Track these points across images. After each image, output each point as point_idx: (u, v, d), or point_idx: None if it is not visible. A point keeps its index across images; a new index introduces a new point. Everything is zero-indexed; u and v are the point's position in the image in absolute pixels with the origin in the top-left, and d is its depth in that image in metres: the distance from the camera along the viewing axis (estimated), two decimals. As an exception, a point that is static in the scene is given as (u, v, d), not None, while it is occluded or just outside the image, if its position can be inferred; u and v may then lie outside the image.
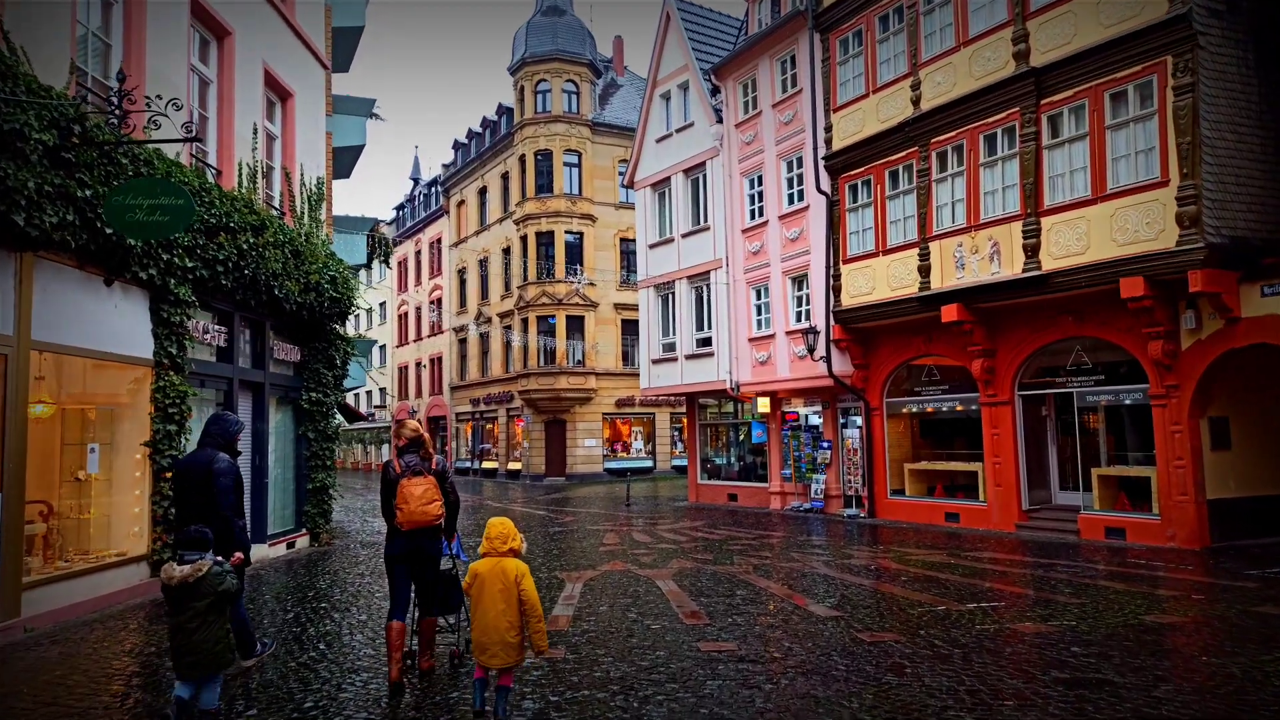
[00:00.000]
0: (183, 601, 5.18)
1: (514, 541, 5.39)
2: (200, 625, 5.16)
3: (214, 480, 6.43)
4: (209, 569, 5.23)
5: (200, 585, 5.18)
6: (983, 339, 15.94)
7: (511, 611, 5.22)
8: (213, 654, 5.23)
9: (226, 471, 6.57)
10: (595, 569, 12.07)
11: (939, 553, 13.18)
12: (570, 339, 37.21)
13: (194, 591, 5.17)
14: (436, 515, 6.28)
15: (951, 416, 17.89)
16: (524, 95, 38.56)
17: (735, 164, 21.82)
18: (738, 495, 22.90)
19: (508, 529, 5.41)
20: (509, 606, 5.22)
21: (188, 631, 5.14)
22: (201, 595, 5.18)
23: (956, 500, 17.19)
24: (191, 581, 5.15)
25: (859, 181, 18.13)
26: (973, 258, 15.47)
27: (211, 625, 5.22)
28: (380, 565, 12.82)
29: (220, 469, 6.50)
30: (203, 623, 5.17)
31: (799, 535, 16.02)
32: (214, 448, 6.70)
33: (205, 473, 6.47)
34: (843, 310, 18.25)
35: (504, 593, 5.23)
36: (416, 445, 6.45)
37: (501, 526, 5.41)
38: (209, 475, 6.45)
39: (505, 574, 5.27)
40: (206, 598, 5.19)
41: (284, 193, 14.68)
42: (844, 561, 12.38)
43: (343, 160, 22.98)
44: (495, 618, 5.22)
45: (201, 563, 5.23)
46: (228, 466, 6.62)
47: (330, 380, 15.40)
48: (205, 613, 5.19)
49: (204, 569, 5.21)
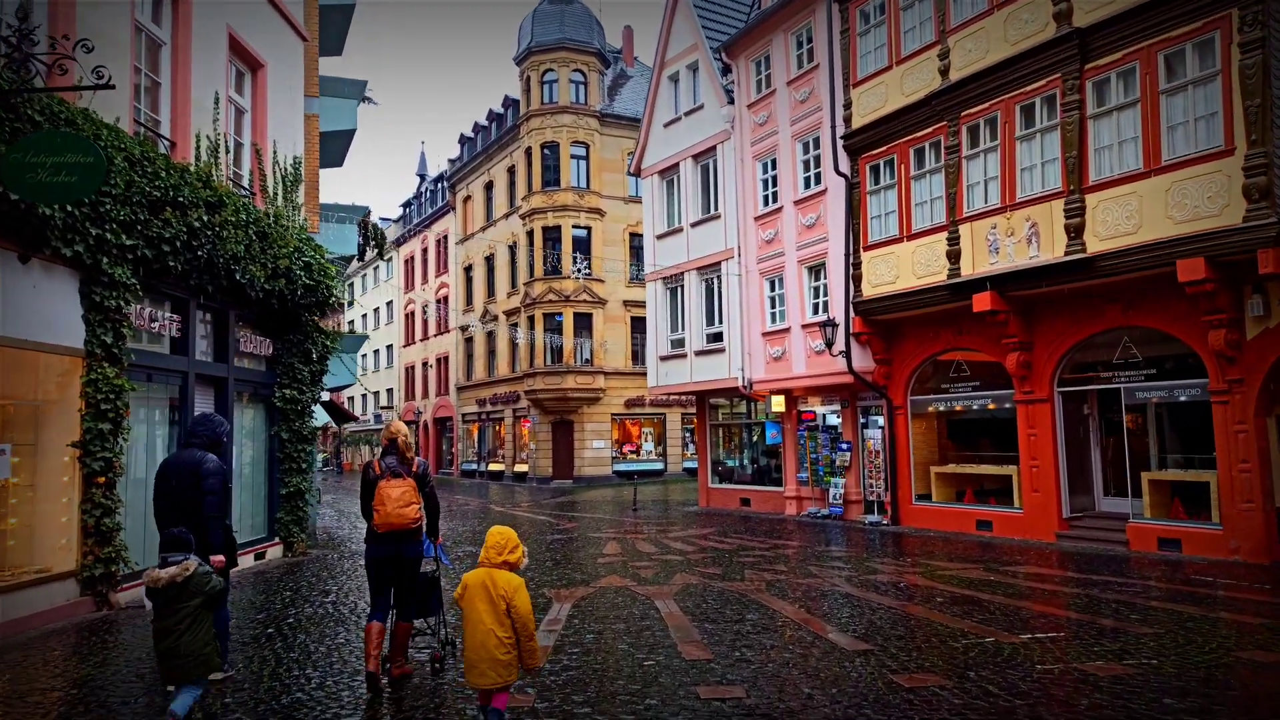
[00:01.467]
0: (171, 604, 5.05)
1: (511, 554, 4.93)
2: (190, 626, 5.06)
3: (201, 481, 6.29)
4: (196, 569, 5.12)
5: (188, 586, 5.07)
6: (1019, 330, 14.54)
7: (502, 627, 4.79)
8: (201, 656, 5.11)
9: (214, 472, 6.40)
10: (590, 585, 10.77)
11: (973, 567, 11.80)
12: (578, 337, 35.94)
13: (183, 592, 5.06)
14: (414, 518, 6.23)
15: (983, 416, 16.48)
16: (530, 86, 37.35)
17: (747, 147, 20.49)
18: (751, 500, 21.55)
19: (507, 539, 4.96)
20: (498, 622, 4.78)
21: (176, 633, 5.02)
22: (190, 596, 5.08)
23: (989, 507, 15.78)
24: (180, 582, 5.03)
25: (881, 161, 16.75)
26: (1008, 241, 14.08)
27: (202, 625, 5.13)
28: (355, 582, 11.58)
29: (208, 469, 6.36)
30: (192, 623, 5.07)
31: (817, 545, 14.67)
32: (200, 448, 6.54)
33: (191, 473, 6.33)
34: (863, 301, 16.88)
35: (491, 607, 4.80)
36: (395, 448, 6.41)
37: (500, 536, 4.98)
38: (196, 476, 6.31)
39: (494, 587, 4.82)
40: (196, 598, 5.10)
41: (254, 171, 13.47)
42: (868, 577, 11.03)
43: (333, 146, 21.82)
44: (484, 634, 4.78)
45: (188, 563, 5.11)
46: (216, 467, 6.45)
47: (306, 376, 14.16)
48: (194, 613, 5.09)
49: (191, 569, 5.10)
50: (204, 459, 6.43)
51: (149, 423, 10.71)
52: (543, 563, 13.00)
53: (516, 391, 38.22)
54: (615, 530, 17.71)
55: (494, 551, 4.91)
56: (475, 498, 29.64)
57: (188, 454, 6.51)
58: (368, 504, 6.30)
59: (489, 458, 42.42)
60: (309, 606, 9.66)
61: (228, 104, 12.61)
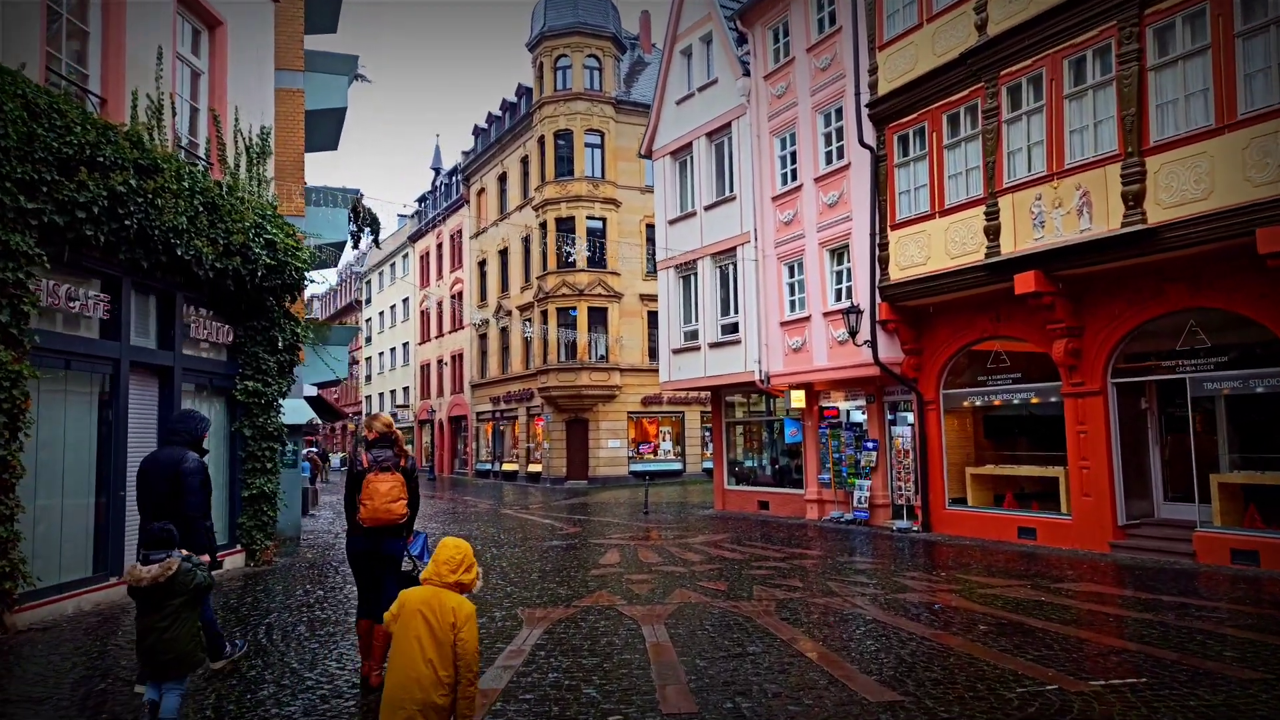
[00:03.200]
0: (155, 601, 4.91)
1: (466, 573, 4.04)
2: (174, 623, 4.92)
3: (183, 480, 6.21)
4: (179, 566, 4.96)
5: (173, 583, 4.92)
6: (1067, 314, 12.92)
7: (444, 665, 3.83)
8: (185, 653, 4.98)
9: (196, 471, 6.34)
10: (572, 604, 9.32)
11: (1019, 583, 10.22)
12: (592, 332, 34.53)
13: (168, 590, 4.90)
14: (400, 515, 6.09)
15: (1025, 411, 14.85)
16: (543, 73, 36.01)
17: (764, 122, 18.96)
18: (769, 503, 20.01)
19: (462, 553, 4.06)
20: (440, 656, 3.83)
21: (159, 630, 4.89)
22: (175, 593, 4.93)
23: (1032, 513, 14.16)
24: (163, 580, 4.88)
25: (910, 131, 15.17)
26: (1055, 212, 12.46)
27: (185, 622, 4.98)
28: (325, 594, 10.22)
29: (190, 468, 6.28)
30: (175, 620, 4.93)
31: (838, 555, 13.13)
32: (181, 445, 6.45)
33: (172, 472, 6.23)
34: (890, 285, 15.30)
35: (432, 635, 3.85)
36: (388, 441, 6.24)
37: (454, 549, 4.05)
38: (177, 474, 6.21)
39: (441, 610, 3.90)
40: (181, 595, 4.96)
41: (211, 139, 12.16)
42: (897, 596, 9.48)
43: (324, 126, 20.55)
44: (419, 669, 3.80)
45: (171, 560, 4.95)
46: (197, 466, 6.39)
47: (273, 367, 12.83)
48: (180, 610, 4.95)
49: (174, 566, 4.93)
50: (184, 457, 6.32)
51: (67, 417, 9.40)
52: (527, 574, 11.57)
53: (530, 389, 36.89)
54: (620, 536, 16.26)
55: (445, 568, 4.01)
56: (486, 499, 28.32)
57: (167, 452, 6.42)
58: (352, 497, 6.16)
59: (503, 457, 41.13)
60: (271, 617, 8.30)
61: (175, 62, 11.31)
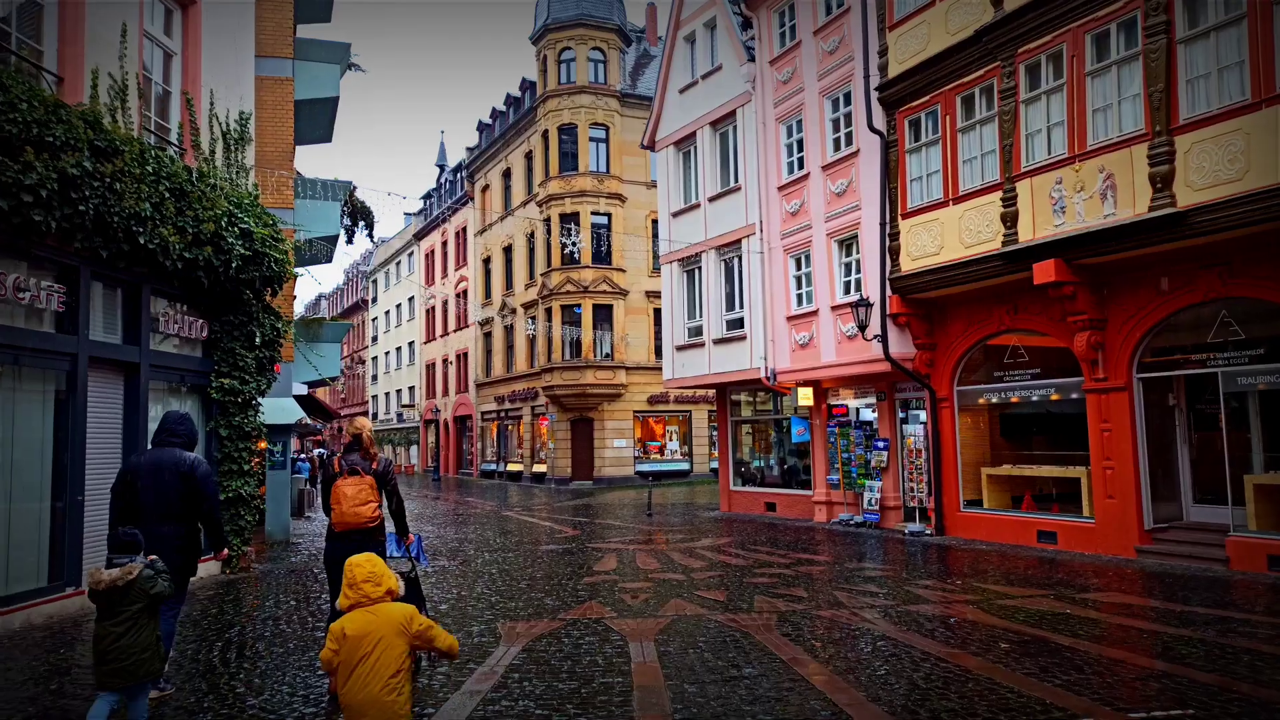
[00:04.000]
0: (113, 606, 4.84)
1: (388, 579, 4.07)
2: (129, 630, 4.84)
3: (201, 484, 6.25)
4: (139, 572, 4.91)
5: (130, 589, 4.86)
6: (1089, 305, 12.19)
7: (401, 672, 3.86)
8: (139, 661, 4.87)
9: (210, 473, 6.44)
10: (558, 616, 8.65)
11: (1041, 593, 9.50)
12: (597, 329, 33.84)
13: (125, 596, 4.84)
14: (370, 517, 6.16)
15: (1044, 409, 14.11)
16: (546, 66, 35.35)
17: (770, 109, 18.25)
18: (776, 505, 19.30)
19: (376, 565, 4.08)
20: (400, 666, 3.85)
21: (114, 636, 4.80)
22: (132, 599, 4.87)
23: (1052, 515, 13.42)
24: (121, 585, 4.82)
25: (922, 114, 14.44)
26: (1077, 197, 11.73)
27: (141, 630, 4.89)
28: (300, 601, 9.59)
29: (205, 470, 6.36)
30: (132, 626, 4.85)
31: (848, 560, 12.42)
32: (181, 447, 6.39)
33: (180, 475, 6.19)
34: (902, 276, 14.58)
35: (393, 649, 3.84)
36: (358, 444, 6.36)
37: (370, 565, 4.06)
38: (194, 478, 6.23)
39: (393, 623, 3.90)
40: (138, 602, 4.88)
41: (184, 124, 11.55)
42: (909, 609, 8.78)
43: (316, 116, 19.95)
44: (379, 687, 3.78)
45: (131, 566, 4.91)
46: (210, 468, 6.49)
47: (250, 364, 12.21)
48: (137, 616, 4.88)
49: (134, 572, 4.89)
50: (196, 461, 6.34)
51: (18, 415, 8.78)
52: (516, 582, 10.91)
53: (534, 388, 36.26)
54: (620, 539, 15.59)
55: (369, 585, 3.99)
56: (489, 500, 27.69)
57: (168, 453, 6.29)
58: (327, 501, 6.30)
59: (508, 458, 40.52)
60: (232, 631, 7.66)
61: (142, 41, 10.69)
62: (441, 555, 13.89)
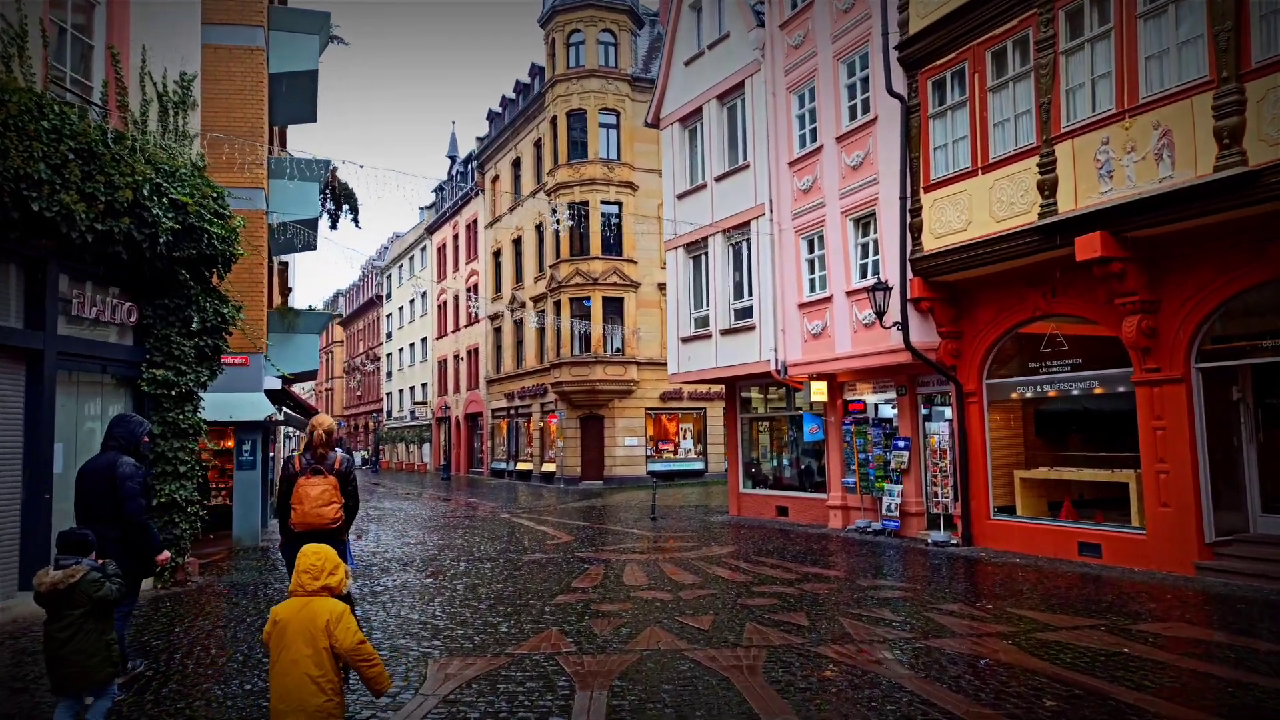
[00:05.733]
0: (56, 609, 4.68)
1: (329, 577, 4.02)
2: (74, 635, 4.66)
3: (119, 487, 6.13)
4: (84, 575, 4.70)
5: (74, 592, 4.66)
6: (1140, 285, 10.61)
7: (318, 667, 3.82)
8: (86, 667, 4.69)
9: (132, 475, 6.29)
10: (506, 650, 7.25)
11: (1089, 623, 7.96)
12: (608, 323, 32.41)
13: (67, 599, 4.66)
14: (332, 518, 6.08)
15: (1086, 404, 12.53)
16: (555, 50, 33.97)
17: (780, 78, 16.73)
18: (788, 509, 17.80)
19: (323, 559, 4.03)
20: (318, 664, 3.83)
21: (59, 642, 4.65)
22: (76, 603, 4.67)
23: (1096, 525, 11.83)
24: (63, 588, 4.64)
25: (947, 74, 12.90)
26: (1126, 159, 10.15)
27: (86, 635, 4.69)
28: (235, 620, 8.24)
29: (125, 473, 6.24)
30: (76, 632, 4.67)
31: (861, 576, 10.92)
32: (117, 450, 6.40)
33: (105, 477, 6.18)
34: (924, 257, 13.05)
35: (311, 645, 3.85)
36: (321, 444, 6.23)
37: (315, 557, 4.03)
38: (111, 481, 6.15)
39: (314, 620, 3.89)
40: (81, 605, 4.68)
41: (109, 81, 10.26)
42: (931, 644, 7.28)
43: (295, 92, 18.72)
44: (298, 679, 3.79)
45: (76, 568, 4.70)
46: (133, 470, 6.34)
47: (189, 353, 10.91)
48: (80, 621, 4.69)
49: (77, 575, 4.67)
50: (119, 462, 6.28)
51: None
52: (478, 601, 9.51)
53: (544, 384, 34.93)
54: (614, 548, 14.18)
55: (306, 576, 3.99)
56: (491, 501, 26.38)
57: (103, 457, 6.37)
58: (285, 501, 6.17)
59: (517, 456, 39.22)
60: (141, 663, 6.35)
61: (51, -17, 9.41)
62: (412, 566, 12.55)
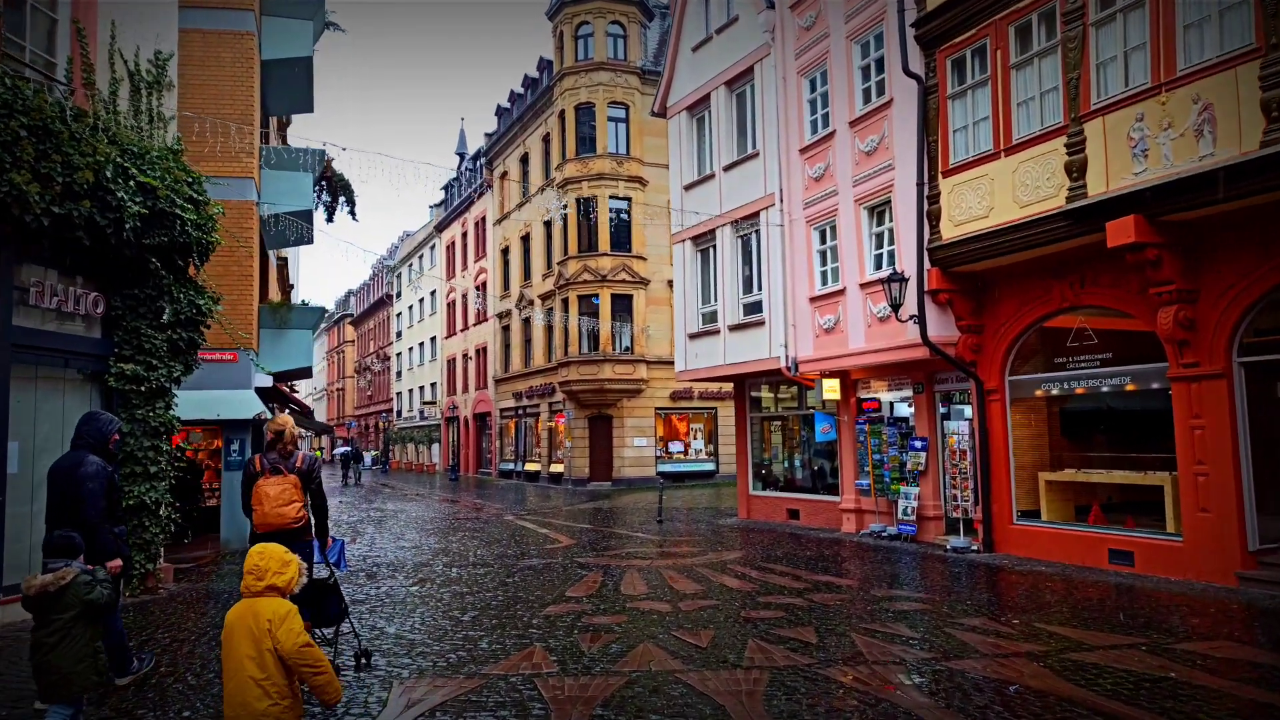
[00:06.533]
0: (45, 614, 4.51)
1: (278, 576, 3.86)
2: (61, 640, 4.47)
3: (80, 485, 6.02)
4: (74, 578, 4.54)
5: (63, 596, 4.49)
6: (1177, 273, 9.85)
7: (262, 669, 3.66)
8: (73, 674, 4.50)
9: (94, 475, 6.13)
10: (481, 671, 6.58)
11: (1126, 641, 7.22)
12: (616, 321, 31.73)
13: (56, 603, 4.49)
14: (293, 518, 6.11)
15: (1117, 401, 11.76)
16: (563, 42, 33.36)
17: (790, 62, 16.01)
18: (800, 512, 17.07)
19: (268, 558, 3.88)
20: (261, 666, 3.67)
21: (46, 647, 4.47)
22: (65, 607, 4.50)
23: (1127, 531, 11.06)
24: (53, 591, 4.47)
25: (967, 51, 12.16)
26: (1163, 136, 9.39)
27: (75, 640, 4.50)
28: (199, 632, 7.61)
29: (87, 472, 6.09)
30: (64, 637, 4.48)
31: (875, 585, 10.20)
32: (85, 449, 6.27)
33: (69, 476, 6.06)
34: (943, 246, 12.32)
35: (255, 647, 3.69)
36: (280, 442, 6.28)
37: (260, 557, 3.88)
38: (75, 479, 6.04)
39: (257, 620, 3.73)
40: (71, 609, 4.51)
41: (74, 58, 9.67)
42: (953, 666, 6.56)
43: (289, 81, 18.15)
44: (241, 681, 3.66)
45: (65, 571, 4.55)
46: (96, 470, 6.17)
47: (161, 346, 10.30)
48: (69, 626, 4.50)
49: (67, 578, 4.52)
50: (84, 460, 6.16)
51: None
52: (461, 612, 8.85)
53: (551, 384, 34.29)
54: (615, 552, 13.51)
55: (252, 578, 3.84)
56: (497, 503, 25.76)
57: (70, 456, 6.27)
58: (247, 501, 6.18)
59: (526, 457, 38.59)
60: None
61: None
62: (401, 572, 11.91)
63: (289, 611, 3.79)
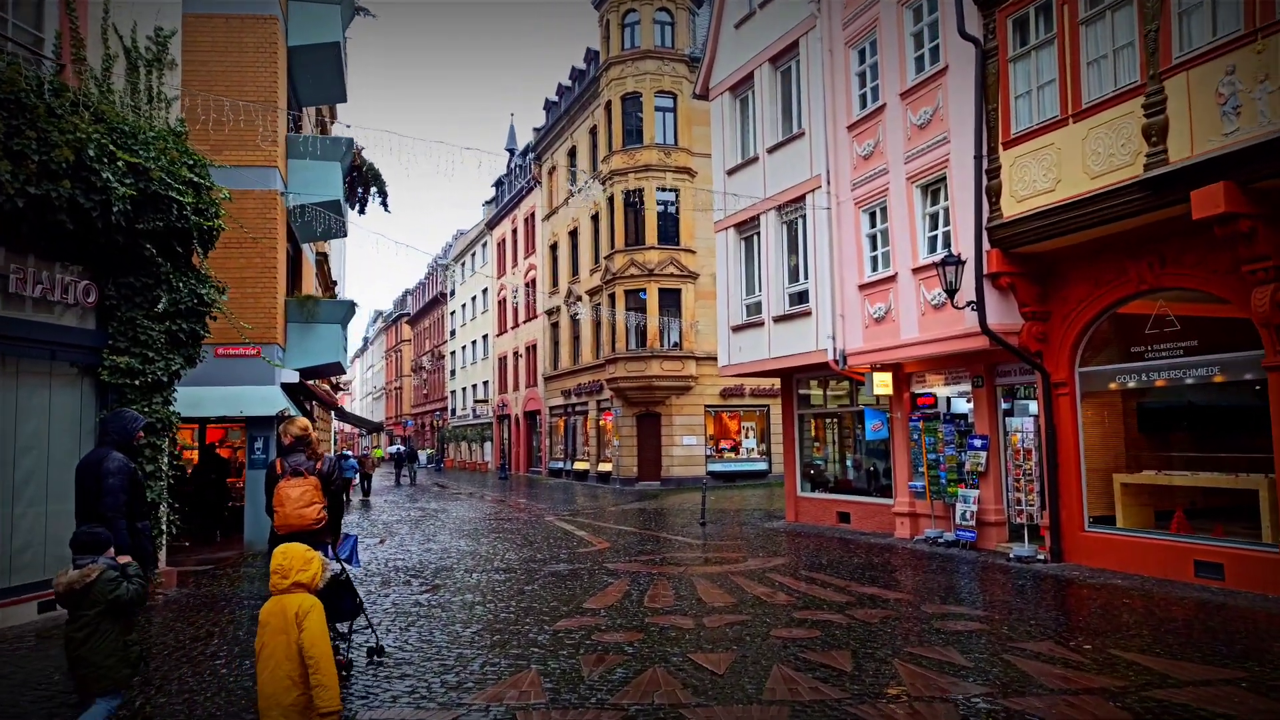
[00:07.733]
0: (74, 609, 4.55)
1: (301, 573, 4.15)
2: (90, 635, 4.51)
3: (100, 480, 6.11)
4: (100, 574, 4.56)
5: (90, 592, 4.51)
6: (1274, 248, 8.63)
7: (290, 660, 3.94)
8: (103, 668, 4.53)
9: (116, 471, 6.19)
10: (465, 699, 5.80)
11: (1220, 673, 6.12)
12: (664, 316, 30.82)
13: (84, 599, 4.52)
14: (314, 519, 6.18)
15: (1202, 395, 10.50)
16: (609, 31, 32.58)
17: (838, 32, 14.96)
18: (850, 515, 16.01)
19: (290, 559, 4.18)
20: (290, 657, 3.93)
21: (76, 642, 4.54)
22: (92, 603, 4.52)
23: (1215, 541, 9.82)
24: (79, 588, 4.50)
25: (1030, 8, 11.01)
26: (1258, 90, 8.19)
27: (104, 636, 4.54)
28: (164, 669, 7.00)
29: (109, 468, 6.16)
30: (93, 632, 4.52)
31: (928, 600, 9.17)
32: (110, 446, 6.33)
33: (93, 472, 6.15)
34: (1003, 224, 11.19)
35: (285, 637, 3.96)
36: (303, 445, 6.36)
37: (283, 557, 4.19)
38: (98, 474, 6.12)
39: (286, 613, 4.04)
40: (97, 605, 4.52)
41: (63, 32, 9.16)
42: (1012, 705, 5.56)
43: (319, 68, 17.67)
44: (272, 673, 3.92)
45: (91, 567, 4.57)
46: (119, 465, 6.23)
47: (159, 338, 9.76)
48: (96, 621, 4.53)
49: (93, 574, 4.54)
50: (107, 456, 6.19)
51: None
52: (465, 627, 8.09)
53: (599, 381, 33.57)
54: (649, 557, 12.67)
55: (278, 577, 4.13)
56: (540, 503, 25.11)
57: (95, 453, 6.36)
58: (269, 503, 6.25)
59: (575, 455, 37.95)
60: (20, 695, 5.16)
61: (-17, -83, 8.32)
62: (417, 578, 11.23)
63: (313, 605, 4.07)
